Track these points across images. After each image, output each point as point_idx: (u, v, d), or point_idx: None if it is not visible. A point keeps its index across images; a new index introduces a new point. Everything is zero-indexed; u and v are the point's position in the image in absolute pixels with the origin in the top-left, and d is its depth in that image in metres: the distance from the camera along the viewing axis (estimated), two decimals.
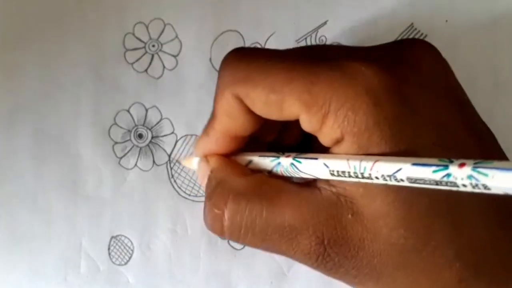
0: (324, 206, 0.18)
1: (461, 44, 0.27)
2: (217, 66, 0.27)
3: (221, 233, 0.20)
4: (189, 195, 0.27)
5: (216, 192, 0.20)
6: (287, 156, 0.20)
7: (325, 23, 0.27)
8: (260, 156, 0.21)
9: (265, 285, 0.27)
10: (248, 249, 0.27)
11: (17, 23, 0.28)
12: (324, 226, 0.18)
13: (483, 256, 0.18)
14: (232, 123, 0.20)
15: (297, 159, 0.19)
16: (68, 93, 0.28)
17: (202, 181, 0.22)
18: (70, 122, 0.28)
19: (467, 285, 0.18)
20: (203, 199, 0.27)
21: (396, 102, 0.18)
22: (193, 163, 0.24)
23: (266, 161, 0.21)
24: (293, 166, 0.19)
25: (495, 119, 0.22)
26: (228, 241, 0.27)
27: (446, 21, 0.27)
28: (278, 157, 0.20)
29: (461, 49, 0.26)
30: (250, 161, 0.21)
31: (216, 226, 0.20)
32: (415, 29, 0.27)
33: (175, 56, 0.28)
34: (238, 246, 0.27)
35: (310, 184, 0.20)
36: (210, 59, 0.28)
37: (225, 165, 0.21)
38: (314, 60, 0.18)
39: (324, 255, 0.18)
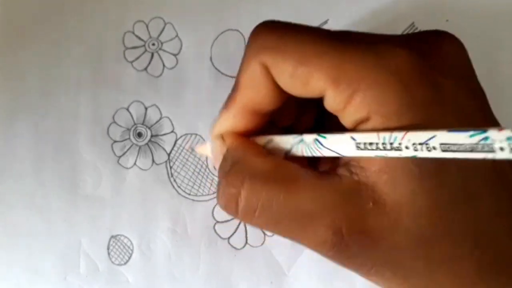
0: (344, 194, 0.18)
1: None
2: (218, 65, 0.27)
3: (235, 213, 0.20)
4: (189, 194, 0.27)
5: (233, 170, 0.20)
6: (311, 133, 0.19)
7: (325, 22, 0.27)
8: (281, 136, 0.21)
9: (265, 285, 0.27)
10: (248, 248, 0.27)
11: (17, 21, 0.28)
12: (342, 214, 0.18)
13: (502, 247, 0.18)
14: (255, 95, 0.20)
15: (321, 134, 0.19)
16: (68, 91, 0.28)
17: (216, 161, 0.22)
18: (69, 120, 0.27)
19: (485, 276, 0.18)
20: (203, 198, 0.27)
21: (427, 87, 0.18)
22: (208, 149, 0.23)
23: (287, 139, 0.20)
24: (317, 142, 0.19)
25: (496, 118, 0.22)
26: (228, 241, 0.27)
27: (447, 20, 0.27)
28: (300, 134, 0.20)
29: None
30: (271, 140, 0.21)
31: (230, 206, 0.20)
32: (416, 28, 0.27)
33: (175, 55, 0.28)
34: (238, 245, 0.27)
35: (330, 171, 0.19)
36: (211, 58, 0.28)
37: (242, 144, 0.21)
38: (346, 39, 0.18)
39: (342, 244, 0.18)
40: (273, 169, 0.19)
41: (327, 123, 0.19)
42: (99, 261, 0.27)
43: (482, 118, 0.19)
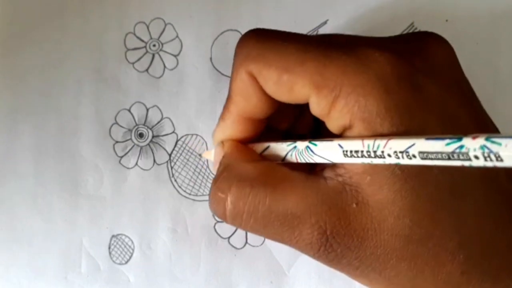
0: (329, 196, 0.18)
1: (461, 43, 0.26)
2: (218, 66, 0.28)
3: (223, 217, 0.20)
4: (190, 194, 0.27)
5: (222, 176, 0.20)
6: (303, 140, 0.20)
7: (325, 22, 0.27)
8: (277, 142, 0.21)
9: (265, 284, 0.27)
10: (248, 248, 0.27)
11: (18, 23, 0.28)
12: (327, 215, 0.18)
13: (488, 248, 0.18)
14: (247, 103, 0.20)
15: (313, 142, 0.19)
16: (69, 93, 0.28)
17: (215, 167, 0.22)
18: (71, 121, 0.28)
19: (470, 277, 0.18)
20: (203, 198, 0.27)
21: (408, 91, 0.18)
22: (212, 155, 0.24)
23: (282, 146, 0.21)
24: (308, 149, 0.19)
25: (495, 118, 0.22)
26: (228, 241, 0.27)
27: (447, 20, 0.27)
28: (294, 141, 0.20)
29: (461, 49, 0.26)
30: (268, 147, 0.22)
31: (219, 210, 0.20)
32: (416, 28, 0.27)
33: (175, 56, 0.28)
34: (238, 245, 0.27)
35: (317, 174, 0.20)
36: (211, 59, 0.28)
37: (235, 150, 0.21)
38: (329, 45, 0.19)
39: (327, 245, 0.18)
40: (260, 173, 0.20)
41: (325, 127, 0.20)
42: (100, 260, 0.27)
43: (471, 121, 0.19)
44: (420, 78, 0.18)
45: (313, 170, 0.23)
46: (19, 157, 0.28)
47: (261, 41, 0.19)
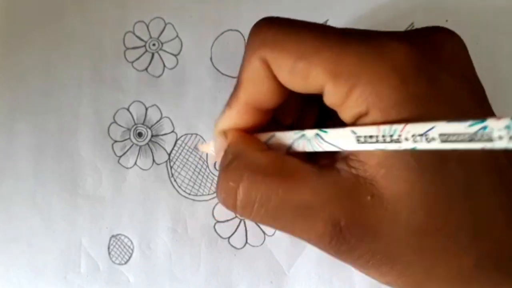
0: (343, 187, 0.18)
1: None
2: (218, 65, 0.27)
3: (233, 208, 0.20)
4: (189, 194, 0.27)
5: (233, 165, 0.20)
6: (312, 129, 0.19)
7: (325, 22, 0.27)
8: (283, 132, 0.21)
9: (265, 284, 0.27)
10: (248, 248, 0.27)
11: (18, 22, 0.28)
12: (341, 207, 0.18)
13: (499, 242, 0.18)
14: (257, 91, 0.20)
15: (323, 129, 0.19)
16: (68, 91, 0.28)
17: (218, 157, 0.22)
18: (70, 121, 0.28)
19: (482, 270, 0.18)
20: (203, 198, 0.27)
21: (425, 81, 0.17)
22: (210, 147, 0.24)
23: (289, 134, 0.20)
24: (318, 137, 0.19)
25: None
26: (228, 241, 0.27)
27: (447, 20, 0.27)
28: (302, 130, 0.20)
29: None
30: (272, 135, 0.21)
31: (229, 200, 0.20)
32: (416, 28, 0.27)
33: (175, 55, 0.28)
34: (238, 245, 0.27)
35: (329, 165, 0.19)
36: (211, 58, 0.28)
37: (243, 139, 0.21)
38: (345, 34, 0.18)
39: (339, 237, 0.18)
40: (272, 163, 0.19)
41: (329, 123, 0.19)
42: (99, 260, 0.27)
43: (481, 114, 0.19)
44: (435, 70, 0.18)
45: (316, 163, 0.23)
46: (18, 157, 0.27)
47: (277, 28, 0.19)
